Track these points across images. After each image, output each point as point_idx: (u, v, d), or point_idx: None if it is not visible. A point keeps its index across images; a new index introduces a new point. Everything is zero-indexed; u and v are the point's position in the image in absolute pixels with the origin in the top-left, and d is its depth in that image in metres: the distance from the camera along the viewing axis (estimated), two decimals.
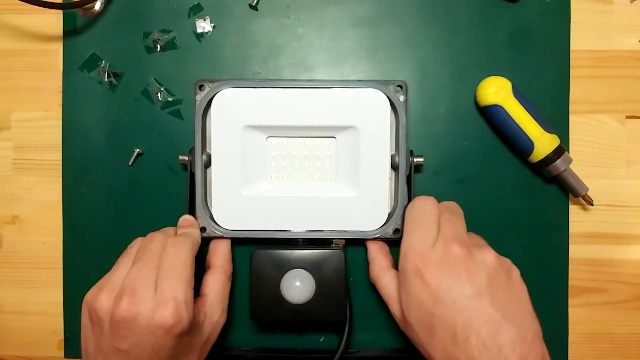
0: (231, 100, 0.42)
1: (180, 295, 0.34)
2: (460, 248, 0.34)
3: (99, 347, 0.35)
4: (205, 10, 0.45)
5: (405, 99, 0.42)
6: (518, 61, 0.45)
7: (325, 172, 0.44)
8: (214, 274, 0.41)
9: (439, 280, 0.33)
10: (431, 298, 0.33)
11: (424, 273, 0.34)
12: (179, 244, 0.37)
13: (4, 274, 0.47)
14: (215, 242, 0.43)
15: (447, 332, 0.32)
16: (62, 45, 0.46)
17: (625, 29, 0.45)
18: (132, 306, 0.33)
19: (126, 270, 0.36)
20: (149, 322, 0.33)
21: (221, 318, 0.40)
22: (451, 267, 0.34)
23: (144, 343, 0.33)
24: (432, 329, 0.33)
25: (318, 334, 0.46)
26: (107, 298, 0.35)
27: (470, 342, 0.31)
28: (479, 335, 0.31)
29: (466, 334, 0.32)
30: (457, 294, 0.33)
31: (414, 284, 0.34)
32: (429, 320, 0.33)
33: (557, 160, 0.42)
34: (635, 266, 0.46)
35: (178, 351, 0.35)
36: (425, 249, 0.35)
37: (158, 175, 0.46)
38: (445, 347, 0.32)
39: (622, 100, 0.46)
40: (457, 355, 0.32)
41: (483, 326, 0.32)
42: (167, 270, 0.35)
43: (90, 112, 0.46)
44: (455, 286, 0.33)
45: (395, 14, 0.45)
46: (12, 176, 0.47)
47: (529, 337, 0.32)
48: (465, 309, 0.32)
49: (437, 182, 0.45)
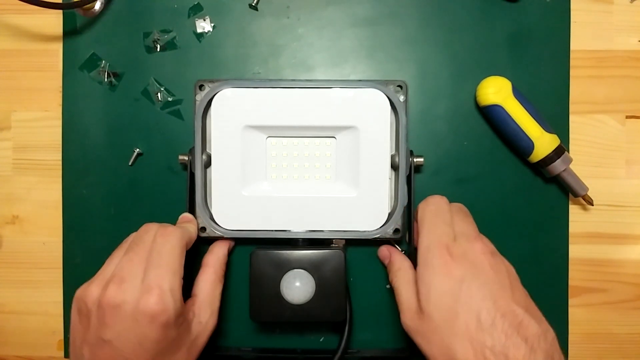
0: (231, 100, 0.42)
1: (166, 283, 0.34)
2: (484, 246, 0.36)
3: (85, 340, 0.34)
4: (205, 10, 0.45)
5: (405, 99, 0.42)
6: (518, 61, 0.45)
7: (325, 172, 0.44)
8: (203, 273, 0.41)
9: (464, 269, 0.34)
10: (456, 286, 0.34)
11: (450, 263, 0.35)
12: (168, 233, 0.37)
13: (4, 274, 0.47)
14: (214, 243, 0.43)
15: (471, 315, 0.33)
16: (62, 45, 0.46)
17: (625, 29, 0.45)
18: (119, 293, 0.33)
19: (118, 262, 0.36)
20: (134, 309, 0.33)
21: (211, 320, 0.39)
22: (476, 259, 0.35)
23: (128, 333, 0.33)
24: (454, 315, 0.33)
25: (318, 334, 0.46)
26: (97, 288, 0.34)
27: (496, 326, 0.32)
28: (504, 321, 0.32)
29: (492, 319, 0.32)
30: (482, 283, 0.34)
31: (438, 272, 0.35)
32: (451, 306, 0.34)
33: (557, 160, 0.42)
34: (635, 266, 0.46)
35: (163, 346, 0.34)
36: (449, 242, 0.36)
37: (158, 175, 0.46)
38: (470, 332, 0.32)
39: (622, 100, 0.46)
40: (483, 339, 0.32)
41: (507, 314, 0.32)
42: (154, 259, 0.35)
43: (90, 112, 0.46)
44: (481, 275, 0.34)
45: (395, 14, 0.45)
46: (12, 176, 0.47)
47: (550, 337, 0.32)
48: (490, 296, 0.33)
49: (437, 182, 0.45)
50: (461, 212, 0.39)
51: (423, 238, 0.37)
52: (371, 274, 0.46)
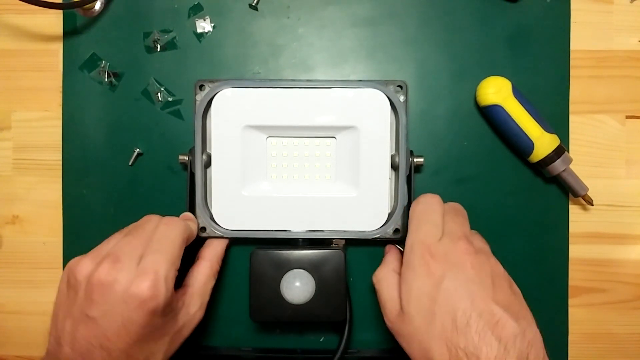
0: (231, 100, 0.42)
1: (162, 270, 0.34)
2: (468, 245, 0.35)
3: (69, 313, 0.34)
4: (205, 10, 0.45)
5: (405, 99, 0.42)
6: (518, 61, 0.45)
7: (325, 172, 0.44)
8: (199, 266, 0.41)
9: (444, 270, 0.34)
10: (435, 286, 0.34)
11: (430, 263, 0.34)
12: (172, 223, 0.37)
13: (4, 274, 0.47)
14: (211, 239, 0.43)
15: (447, 317, 0.32)
16: (62, 45, 0.46)
17: (625, 29, 0.45)
18: (112, 271, 0.33)
19: (116, 243, 0.36)
20: (124, 290, 0.33)
21: (199, 312, 0.39)
22: (458, 259, 0.34)
23: (114, 313, 0.33)
24: (432, 316, 0.33)
25: (318, 334, 0.46)
26: (90, 263, 0.34)
27: (470, 326, 0.32)
28: (479, 321, 0.32)
29: (466, 319, 0.32)
30: (461, 283, 0.33)
31: (418, 273, 0.35)
32: (429, 307, 0.33)
33: (557, 160, 0.42)
34: (635, 266, 0.46)
35: (147, 332, 0.34)
36: (432, 242, 0.35)
37: (158, 175, 0.46)
38: (446, 333, 0.32)
39: (621, 100, 0.46)
40: (457, 341, 0.32)
41: (484, 314, 0.32)
42: (154, 244, 0.35)
43: (90, 112, 0.46)
44: (460, 275, 0.34)
45: (395, 14, 0.45)
46: (12, 176, 0.47)
47: (528, 337, 0.32)
48: (468, 296, 0.33)
49: (437, 182, 0.45)
50: (453, 211, 0.39)
51: (408, 237, 0.37)
52: (371, 274, 0.45)
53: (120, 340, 0.33)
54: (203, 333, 0.46)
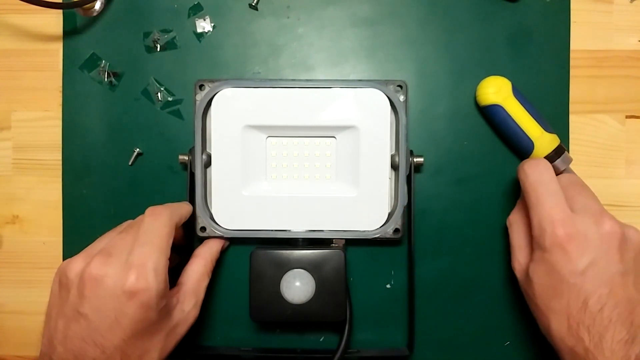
0: (231, 100, 0.42)
1: (150, 262, 0.34)
2: (614, 225, 0.34)
3: (61, 312, 0.34)
4: (205, 10, 0.45)
5: (405, 99, 0.42)
6: (518, 61, 0.45)
7: (325, 172, 0.44)
8: (193, 264, 0.41)
9: (584, 253, 0.33)
10: (569, 268, 0.33)
11: (568, 244, 0.33)
12: (157, 213, 0.37)
13: (4, 274, 0.47)
14: (209, 239, 0.43)
15: (576, 299, 0.32)
16: (62, 45, 0.46)
17: (625, 29, 0.45)
18: (103, 267, 0.33)
19: (108, 241, 0.36)
20: (114, 285, 0.33)
21: (193, 310, 0.39)
22: (603, 243, 0.33)
23: (107, 309, 0.33)
24: (558, 294, 0.33)
25: (318, 334, 0.46)
26: (81, 262, 0.34)
27: (603, 312, 0.32)
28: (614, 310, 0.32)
29: (601, 305, 0.32)
30: (603, 270, 0.33)
31: (553, 252, 0.34)
32: (557, 286, 0.33)
33: (557, 160, 0.42)
34: None
35: (141, 327, 0.33)
36: (564, 216, 0.34)
37: (158, 175, 0.46)
38: (570, 311, 0.32)
39: (621, 100, 0.46)
40: (582, 318, 0.32)
41: (620, 303, 0.32)
42: (141, 237, 0.35)
43: (90, 112, 0.46)
44: (603, 262, 0.33)
45: (395, 14, 0.45)
46: (12, 176, 0.47)
47: None
48: (607, 284, 0.32)
49: (437, 182, 0.45)
50: (577, 184, 0.37)
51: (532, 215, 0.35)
52: (371, 273, 0.46)
53: (114, 336, 0.32)
54: (202, 333, 0.46)
